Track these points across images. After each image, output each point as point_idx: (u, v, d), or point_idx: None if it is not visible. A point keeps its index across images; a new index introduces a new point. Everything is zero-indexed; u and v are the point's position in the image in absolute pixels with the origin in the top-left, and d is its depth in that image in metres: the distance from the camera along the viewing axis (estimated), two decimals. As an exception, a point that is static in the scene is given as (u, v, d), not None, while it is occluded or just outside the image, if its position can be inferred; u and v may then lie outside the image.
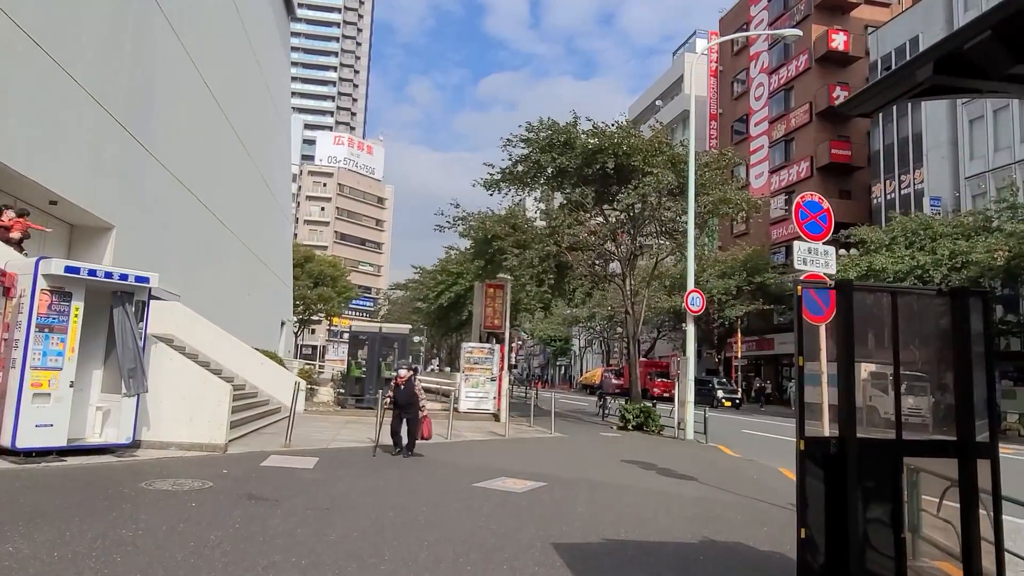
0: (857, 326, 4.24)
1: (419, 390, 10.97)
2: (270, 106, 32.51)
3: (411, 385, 10.92)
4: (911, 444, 4.38)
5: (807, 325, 8.16)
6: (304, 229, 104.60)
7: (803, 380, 4.43)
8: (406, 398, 10.84)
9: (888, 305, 4.39)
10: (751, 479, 11.26)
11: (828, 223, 8.53)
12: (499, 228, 19.14)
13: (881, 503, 4.16)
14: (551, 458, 12.31)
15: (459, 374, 21.53)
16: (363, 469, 9.31)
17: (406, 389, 10.88)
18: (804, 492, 4.11)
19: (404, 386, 10.90)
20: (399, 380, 11.01)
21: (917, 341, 5.00)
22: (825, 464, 4.13)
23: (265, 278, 32.72)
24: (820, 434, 4.36)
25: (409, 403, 10.80)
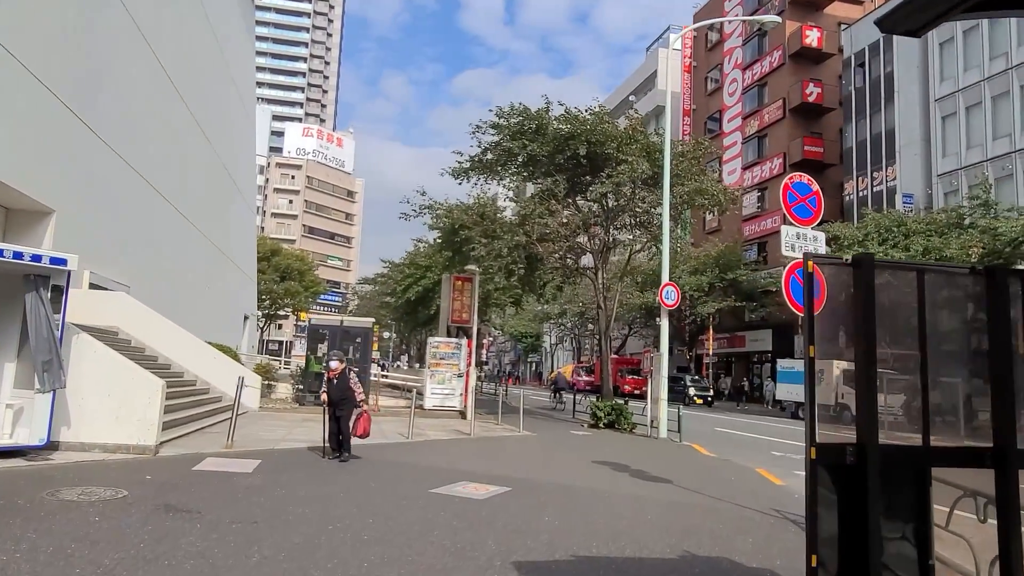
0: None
1: (355, 383, 9.91)
2: (233, 94, 31.22)
3: (345, 379, 9.88)
4: (940, 452, 3.67)
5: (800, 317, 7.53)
6: (271, 222, 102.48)
7: (813, 376, 3.68)
8: (339, 393, 9.81)
9: (914, 285, 3.68)
10: (728, 481, 10.62)
11: (817, 206, 7.88)
12: (466, 217, 18.28)
13: (905, 522, 3.46)
14: (518, 459, 11.55)
15: (425, 370, 20.68)
16: (309, 473, 8.43)
17: (339, 383, 9.85)
18: (815, 510, 3.38)
19: (337, 380, 9.86)
20: (331, 373, 9.92)
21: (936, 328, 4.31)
22: (840, 476, 3.42)
23: (227, 271, 31.48)
24: (833, 440, 3.59)
25: (343, 398, 9.77)
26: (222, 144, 28.52)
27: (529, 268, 20.67)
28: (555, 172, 18.31)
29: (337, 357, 10.24)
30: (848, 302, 3.96)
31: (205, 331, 21.82)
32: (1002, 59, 28.16)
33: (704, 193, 17.93)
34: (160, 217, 21.08)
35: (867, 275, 3.48)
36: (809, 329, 3.64)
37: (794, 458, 14.57)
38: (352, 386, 9.84)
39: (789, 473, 12.09)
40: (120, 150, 17.85)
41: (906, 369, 4.13)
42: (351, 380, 9.88)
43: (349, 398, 9.78)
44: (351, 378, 9.91)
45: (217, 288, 28.96)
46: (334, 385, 9.83)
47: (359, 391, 9.94)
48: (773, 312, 39.55)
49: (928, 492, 3.51)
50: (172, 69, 21.11)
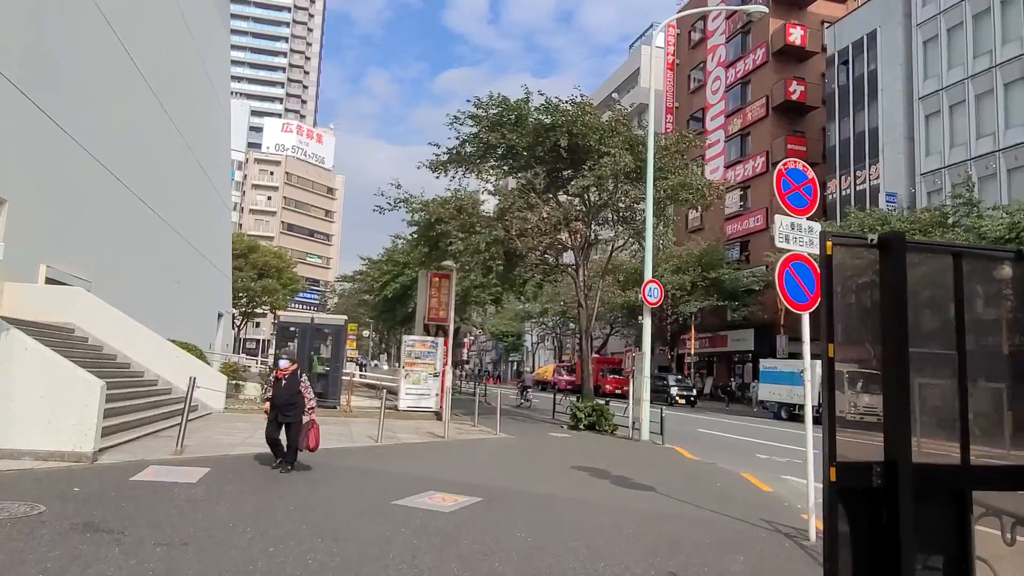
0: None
1: (305, 387, 8.82)
2: (207, 87, 30.30)
3: (295, 381, 8.78)
4: (985, 473, 3.07)
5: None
6: (249, 218, 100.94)
7: (833, 379, 3.06)
8: (287, 396, 8.67)
9: (947, 271, 3.09)
10: (714, 487, 10.05)
11: (813, 195, 7.31)
12: (443, 211, 17.58)
13: (943, 555, 2.87)
14: (492, 464, 10.90)
15: (400, 369, 19.98)
16: (261, 483, 7.72)
17: (288, 385, 8.74)
18: (834, 542, 2.76)
19: (286, 381, 8.77)
20: (279, 373, 8.86)
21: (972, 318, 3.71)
22: (864, 501, 2.81)
23: (200, 267, 30.53)
24: (854, 457, 2.97)
25: (291, 403, 8.65)
26: (196, 139, 27.62)
27: (508, 265, 20.03)
28: (535, 164, 17.68)
29: (287, 356, 9.30)
30: (865, 292, 3.38)
31: (176, 329, 21.04)
32: (986, 57, 27.97)
33: (688, 187, 17.38)
34: (127, 211, 20.21)
35: (897, 258, 2.87)
36: (829, 322, 3.02)
37: (779, 461, 14.08)
38: (303, 390, 8.77)
39: (775, 477, 11.57)
40: (82, 140, 16.99)
41: (935, 372, 3.53)
42: (302, 384, 8.81)
43: (298, 403, 8.67)
44: (302, 381, 8.84)
45: (189, 285, 28.06)
46: (282, 387, 8.74)
47: (309, 397, 8.82)
48: (755, 312, 39.28)
49: (969, 520, 2.92)
50: (140, 59, 20.25)
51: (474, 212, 18.02)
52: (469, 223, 17.25)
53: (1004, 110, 27.15)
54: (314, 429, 8.63)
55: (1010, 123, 26.88)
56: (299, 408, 8.66)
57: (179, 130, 25.02)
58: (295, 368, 8.95)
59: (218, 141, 34.62)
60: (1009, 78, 27.01)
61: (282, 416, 8.63)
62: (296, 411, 8.64)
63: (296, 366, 9.04)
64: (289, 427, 8.64)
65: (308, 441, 8.54)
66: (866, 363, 12.93)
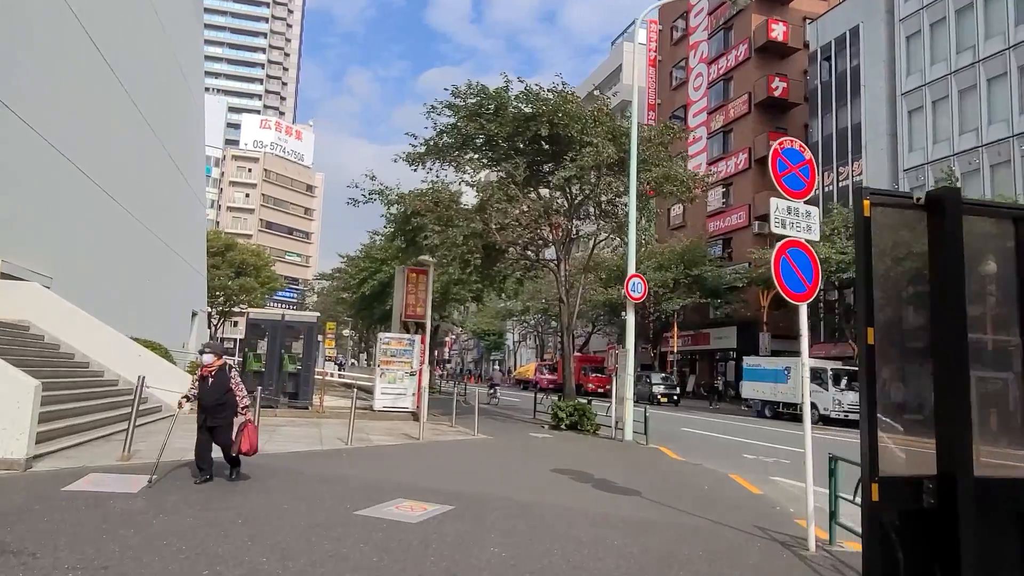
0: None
1: (236, 385, 7.69)
2: (180, 80, 29.36)
3: (224, 379, 7.61)
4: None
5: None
6: (227, 216, 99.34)
7: (873, 372, 2.48)
8: (215, 396, 7.52)
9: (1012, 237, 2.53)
10: (702, 491, 9.52)
11: (811, 177, 6.78)
12: (420, 203, 16.91)
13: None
14: (468, 468, 10.28)
15: (375, 368, 19.30)
16: (209, 493, 7.04)
17: (215, 384, 7.56)
18: (876, 571, 2.18)
19: (213, 379, 7.58)
20: (204, 370, 7.67)
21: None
22: (912, 524, 2.24)
23: (173, 264, 29.58)
24: (898, 472, 2.37)
25: (220, 403, 7.53)
26: (166, 131, 26.70)
27: (488, 260, 19.40)
28: (515, 155, 17.07)
29: (212, 350, 7.95)
30: (900, 264, 2.83)
31: (147, 328, 20.23)
32: (969, 52, 27.81)
33: (672, 179, 16.86)
34: (93, 206, 19.34)
35: (951, 221, 2.30)
36: (867, 301, 2.43)
37: (766, 461, 13.61)
38: (233, 388, 7.64)
39: (764, 479, 11.09)
40: (43, 131, 16.10)
41: (994, 363, 2.98)
42: (232, 381, 7.68)
43: (229, 403, 7.57)
44: (232, 378, 7.70)
45: (161, 282, 27.13)
46: (208, 386, 7.57)
47: (242, 396, 7.73)
48: (738, 309, 39.01)
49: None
50: (107, 49, 19.42)
51: (452, 204, 17.35)
52: (447, 216, 16.59)
53: (987, 105, 27.00)
54: (249, 431, 7.58)
55: (993, 118, 26.74)
56: (230, 409, 7.60)
57: (149, 123, 24.12)
58: (223, 363, 7.79)
59: (192, 136, 33.64)
60: (992, 73, 26.86)
61: (211, 419, 7.54)
62: (227, 413, 7.57)
63: (223, 360, 7.89)
64: (217, 432, 7.56)
65: (241, 444, 7.47)
66: (850, 360, 12.68)
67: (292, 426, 14.54)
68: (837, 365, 26.69)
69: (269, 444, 10.82)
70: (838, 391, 25.01)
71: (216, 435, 7.57)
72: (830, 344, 32.26)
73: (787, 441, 17.88)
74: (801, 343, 6.60)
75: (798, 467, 12.99)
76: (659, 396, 33.05)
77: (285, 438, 12.01)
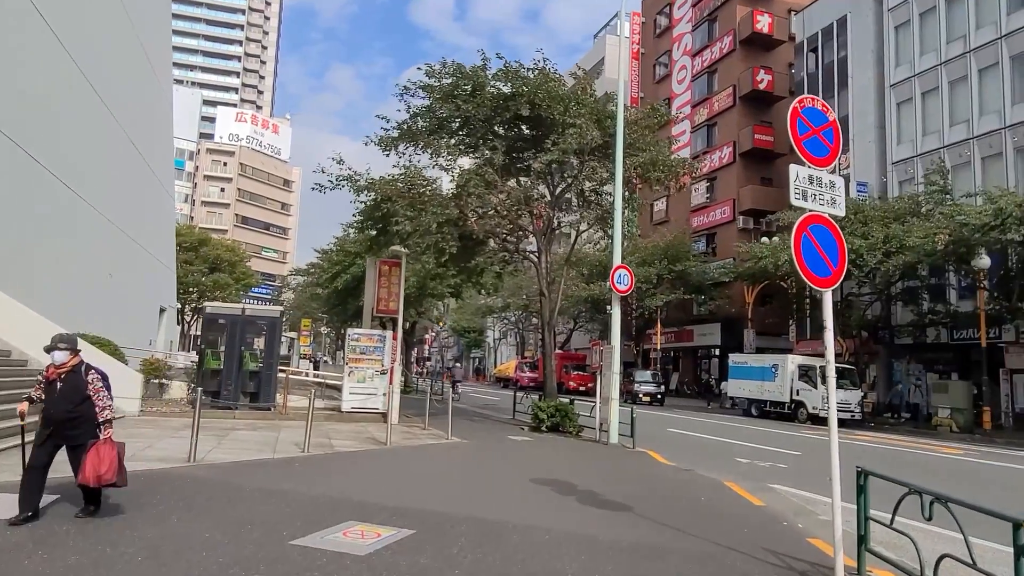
0: None
1: (96, 389, 5.75)
2: (146, 69, 28.02)
3: (78, 383, 5.70)
4: None
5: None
6: (202, 210, 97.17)
7: None
8: (65, 406, 5.64)
9: None
10: (699, 503, 8.53)
11: (835, 142, 5.78)
12: (390, 188, 15.75)
13: None
14: (437, 478, 9.18)
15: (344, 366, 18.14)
16: (118, 515, 5.88)
17: (66, 389, 5.68)
18: None
19: (63, 383, 5.68)
20: (52, 372, 5.71)
21: None
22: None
23: (138, 259, 28.21)
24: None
25: (73, 417, 5.66)
26: (131, 121, 25.36)
27: (465, 251, 18.28)
28: (493, 138, 15.97)
29: (66, 344, 5.78)
30: None
31: (109, 325, 18.96)
32: (960, 42, 27.16)
33: (659, 165, 15.85)
34: (43, 195, 18.01)
35: None
36: None
37: (761, 466, 12.67)
38: (92, 396, 5.73)
39: (763, 487, 10.10)
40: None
41: None
42: (90, 386, 5.73)
43: (85, 416, 5.68)
44: (90, 382, 5.74)
45: (125, 277, 25.75)
46: (57, 393, 5.66)
47: (103, 407, 5.78)
48: (722, 305, 38.28)
49: None
50: (63, 31, 18.08)
51: (426, 189, 16.17)
52: (420, 201, 15.44)
53: (978, 96, 26.36)
54: (108, 451, 5.62)
55: (984, 110, 26.10)
56: (88, 424, 5.71)
57: (112, 112, 22.79)
58: (79, 363, 5.81)
59: (159, 126, 32.23)
60: (984, 63, 26.22)
61: (61, 436, 5.69)
62: (84, 430, 5.69)
63: (80, 359, 5.88)
64: (72, 452, 5.71)
65: (85, 470, 5.50)
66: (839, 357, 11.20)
67: (249, 430, 13.36)
68: (824, 362, 25.89)
69: (215, 452, 9.66)
70: (826, 389, 24.21)
71: (70, 454, 5.71)
72: (817, 341, 31.52)
73: (779, 442, 17.01)
74: (826, 337, 5.60)
75: (795, 472, 12.07)
76: (641, 395, 31.76)
77: (235, 444, 10.83)
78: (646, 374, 35.48)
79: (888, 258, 23.13)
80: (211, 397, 16.50)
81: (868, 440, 19.08)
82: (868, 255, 23.12)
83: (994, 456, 16.17)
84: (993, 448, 18.31)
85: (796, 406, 25.20)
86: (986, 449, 17.82)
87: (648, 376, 34.95)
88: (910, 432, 22.59)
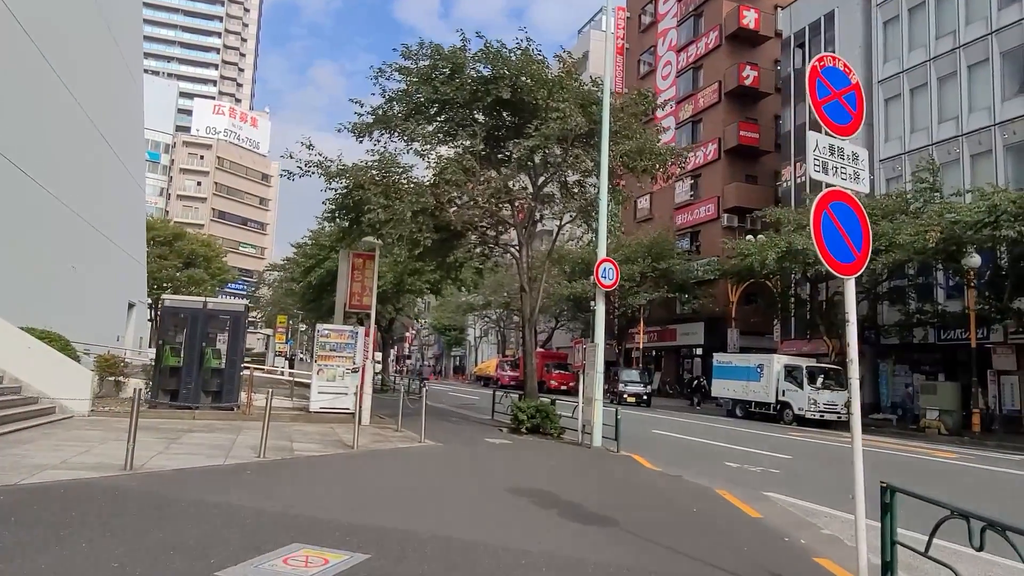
0: None
1: None
2: (116, 58, 26.91)
3: None
4: None
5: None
6: (177, 205, 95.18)
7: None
8: None
9: None
10: (690, 515, 7.78)
11: (858, 108, 5.04)
12: (363, 175, 14.81)
13: None
14: (404, 489, 8.32)
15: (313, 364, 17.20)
16: (23, 534, 4.96)
17: None
18: None
19: None
20: None
21: None
22: None
23: (105, 251, 27.03)
24: None
25: None
26: (99, 110, 24.23)
27: (443, 244, 17.40)
28: (472, 124, 15.10)
29: None
30: None
31: (71, 320, 18.23)
32: (949, 38, 26.73)
33: (647, 153, 15.07)
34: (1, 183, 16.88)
35: None
36: None
37: (752, 471, 11.96)
38: None
39: (757, 495, 9.38)
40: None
41: None
42: None
43: None
44: None
45: (90, 271, 24.60)
46: None
47: None
48: (706, 304, 37.74)
49: None
50: (28, 19, 17.06)
51: (401, 176, 15.23)
52: (394, 189, 14.53)
53: (967, 93, 25.94)
54: None
55: (974, 107, 25.69)
56: None
57: (78, 101, 21.65)
58: None
59: (130, 116, 31.03)
60: (973, 60, 25.80)
61: None
62: None
63: None
64: None
65: None
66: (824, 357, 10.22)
67: (206, 431, 12.41)
68: (811, 363, 25.41)
69: (158, 458, 8.73)
70: (813, 390, 23.68)
71: None
72: (801, 341, 31.06)
73: (767, 445, 16.35)
74: (848, 333, 4.82)
75: (789, 478, 11.37)
76: (627, 395, 30.71)
77: (185, 448, 9.88)
78: (632, 373, 34.17)
79: (877, 256, 22.62)
80: (169, 397, 15.55)
81: (858, 443, 18.48)
82: (857, 253, 22.54)
83: (993, 461, 15.62)
84: (988, 452, 17.79)
85: (782, 407, 24.62)
86: (981, 453, 17.27)
87: (634, 376, 33.62)
88: (897, 434, 22.08)
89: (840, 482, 11.91)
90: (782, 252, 23.95)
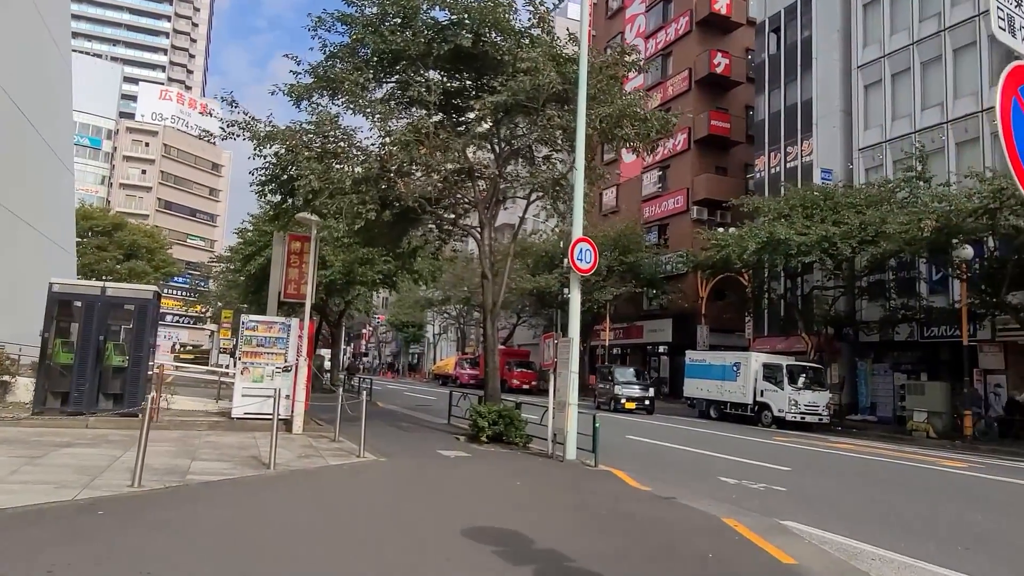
0: None
1: None
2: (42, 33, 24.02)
3: None
4: None
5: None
6: (120, 193, 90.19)
7: None
8: None
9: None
10: (706, 565, 5.77)
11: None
12: (296, 139, 12.44)
13: None
14: (320, 531, 6.08)
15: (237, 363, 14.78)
16: None
17: None
18: None
19: None
20: None
21: None
22: None
23: (24, 237, 24.01)
24: None
25: None
26: (17, 86, 21.34)
27: (394, 227, 15.15)
28: (427, 83, 12.85)
29: None
30: None
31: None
32: (934, 20, 25.45)
33: (632, 117, 13.08)
34: None
35: None
36: None
37: (753, 488, 10.05)
38: None
39: (776, 525, 7.43)
40: None
41: None
42: None
43: None
44: None
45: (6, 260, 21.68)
46: None
47: None
48: (675, 300, 36.14)
49: None
50: None
51: (341, 141, 12.86)
52: (333, 154, 12.23)
53: (953, 78, 24.68)
54: None
55: (960, 92, 24.42)
56: None
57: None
58: None
59: (56, 96, 28.04)
60: (959, 43, 24.53)
61: None
62: None
63: None
64: None
65: None
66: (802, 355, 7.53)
67: (88, 446, 9.97)
68: (791, 361, 23.86)
69: None
70: (794, 390, 22.09)
71: None
72: (776, 338, 29.59)
73: (758, 453, 14.53)
74: None
75: (800, 498, 9.41)
76: (623, 400, 25.98)
77: (39, 472, 7.49)
78: (628, 372, 28.71)
79: (864, 246, 21.14)
80: (60, 401, 13.00)
81: (849, 449, 16.85)
82: (843, 243, 21.02)
83: (1009, 471, 14.07)
84: (991, 459, 16.31)
85: (760, 408, 22.99)
86: (990, 461, 15.74)
87: (631, 376, 28.06)
88: (884, 438, 20.60)
89: (859, 501, 10.07)
90: (762, 242, 22.28)
